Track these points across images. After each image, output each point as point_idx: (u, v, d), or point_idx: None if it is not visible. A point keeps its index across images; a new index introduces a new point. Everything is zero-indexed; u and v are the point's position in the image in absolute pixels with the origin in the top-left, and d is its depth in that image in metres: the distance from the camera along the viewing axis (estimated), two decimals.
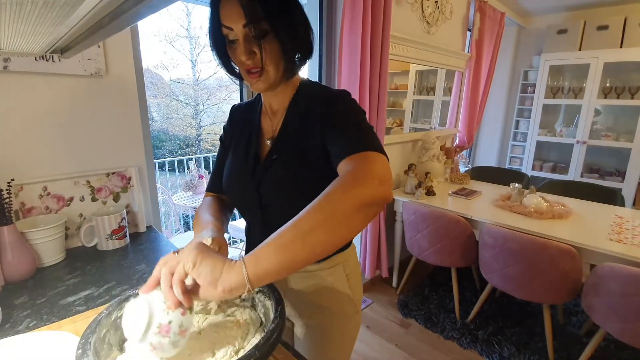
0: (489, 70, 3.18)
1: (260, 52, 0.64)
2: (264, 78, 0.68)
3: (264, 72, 0.67)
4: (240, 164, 0.79)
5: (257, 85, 0.69)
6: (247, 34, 0.63)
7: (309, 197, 0.56)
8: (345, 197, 0.50)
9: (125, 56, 1.19)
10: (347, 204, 0.50)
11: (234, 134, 0.85)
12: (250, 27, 0.62)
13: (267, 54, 0.65)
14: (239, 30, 0.63)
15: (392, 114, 3.22)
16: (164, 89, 10.57)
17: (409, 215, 2.15)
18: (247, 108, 0.86)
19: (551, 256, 1.60)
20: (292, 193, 0.72)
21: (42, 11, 0.40)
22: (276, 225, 0.56)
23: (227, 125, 0.89)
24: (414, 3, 2.26)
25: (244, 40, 0.64)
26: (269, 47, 0.64)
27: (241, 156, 0.79)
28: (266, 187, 0.74)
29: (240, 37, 0.64)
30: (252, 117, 0.82)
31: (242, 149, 0.80)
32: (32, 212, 1.05)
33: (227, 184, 0.81)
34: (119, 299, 0.56)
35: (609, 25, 3.24)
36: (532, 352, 1.84)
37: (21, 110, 1.01)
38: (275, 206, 0.75)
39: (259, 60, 0.65)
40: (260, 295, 0.62)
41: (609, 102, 3.41)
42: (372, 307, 2.29)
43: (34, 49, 0.74)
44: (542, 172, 3.84)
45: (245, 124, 0.83)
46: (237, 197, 0.81)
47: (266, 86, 0.69)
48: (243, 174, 0.77)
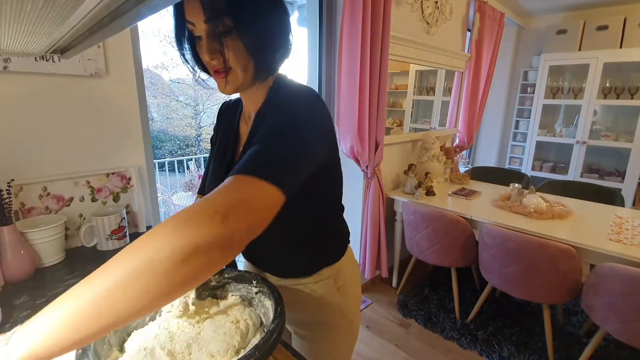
0: (488, 71, 3.18)
1: (222, 52, 0.58)
2: (231, 79, 0.62)
3: (231, 72, 0.61)
4: (217, 170, 0.77)
5: (224, 87, 0.63)
6: (209, 31, 0.58)
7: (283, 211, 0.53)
8: (164, 241, 0.37)
9: (125, 56, 1.19)
10: (163, 253, 0.36)
11: (218, 135, 0.81)
12: (211, 24, 0.56)
13: (232, 53, 0.58)
14: (201, 26, 0.57)
15: (392, 114, 3.22)
16: (164, 89, 10.56)
17: (408, 215, 2.16)
18: (233, 106, 0.81)
19: (551, 256, 1.60)
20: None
21: (42, 11, 0.40)
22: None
23: (215, 125, 0.85)
24: (414, 3, 2.27)
25: (207, 37, 0.58)
26: (233, 45, 0.58)
27: (218, 163, 0.77)
28: None
29: (203, 33, 0.58)
30: (233, 120, 0.78)
31: (220, 154, 0.77)
32: (32, 212, 1.05)
33: (208, 191, 0.78)
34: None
35: (608, 26, 3.24)
36: (531, 352, 1.84)
37: (21, 110, 1.01)
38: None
39: (223, 61, 0.60)
40: (260, 295, 0.62)
41: (609, 102, 3.41)
42: (372, 307, 2.29)
43: (34, 49, 0.74)
44: (542, 172, 3.84)
45: (227, 126, 0.79)
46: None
47: (234, 88, 0.63)
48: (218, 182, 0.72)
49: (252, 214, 0.43)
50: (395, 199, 2.35)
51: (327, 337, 0.79)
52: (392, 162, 2.50)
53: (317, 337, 0.79)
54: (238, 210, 0.41)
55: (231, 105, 0.81)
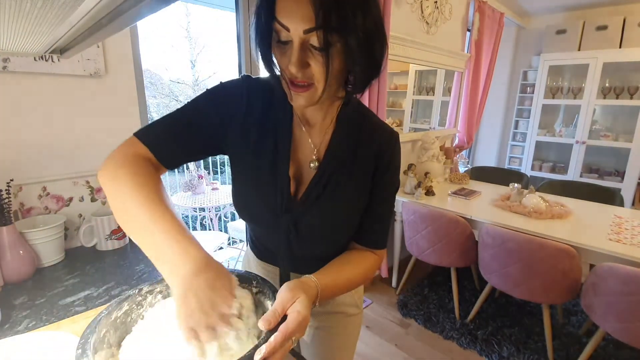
0: (488, 71, 3.18)
1: (327, 66, 0.50)
2: (308, 94, 0.54)
3: (312, 87, 0.53)
4: (267, 186, 0.64)
5: (297, 101, 0.55)
6: (305, 41, 0.49)
7: (344, 234, 0.68)
8: (363, 282, 0.70)
9: (124, 56, 1.19)
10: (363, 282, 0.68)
11: (248, 127, 0.63)
12: (319, 34, 0.48)
13: (323, 68, 0.51)
14: (296, 33, 0.49)
15: (391, 114, 3.22)
16: (164, 89, 10.56)
17: (408, 215, 2.15)
18: (266, 103, 0.64)
19: (550, 256, 1.60)
20: (337, 231, 0.67)
21: (41, 11, 0.40)
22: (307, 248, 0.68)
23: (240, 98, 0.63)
24: (414, 3, 2.27)
25: (300, 48, 0.50)
26: (329, 62, 0.50)
27: (267, 174, 0.64)
28: (309, 223, 0.64)
29: (296, 42, 0.49)
30: (278, 120, 0.64)
31: (267, 163, 0.63)
32: (32, 212, 1.05)
33: (244, 207, 0.67)
34: (119, 299, 0.56)
35: (608, 26, 3.24)
36: (531, 351, 1.84)
37: (20, 110, 1.01)
38: (313, 239, 0.67)
39: (312, 75, 0.52)
40: (260, 295, 0.62)
41: (608, 102, 3.41)
42: (371, 307, 2.29)
43: (33, 49, 0.73)
44: (542, 172, 3.84)
45: (268, 128, 0.64)
46: (257, 222, 0.70)
47: (308, 104, 0.56)
48: (275, 202, 0.64)
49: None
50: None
51: (340, 324, 0.83)
52: None
53: (332, 325, 0.82)
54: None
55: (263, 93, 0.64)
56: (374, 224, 0.69)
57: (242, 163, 0.66)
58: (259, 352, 0.42)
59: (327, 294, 0.58)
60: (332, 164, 0.64)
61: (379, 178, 0.67)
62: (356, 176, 0.65)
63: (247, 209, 0.68)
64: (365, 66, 0.55)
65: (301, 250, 0.68)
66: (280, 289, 0.52)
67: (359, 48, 0.51)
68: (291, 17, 0.48)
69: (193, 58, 10.44)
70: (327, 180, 0.63)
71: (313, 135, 0.66)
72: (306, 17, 0.47)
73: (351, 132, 0.65)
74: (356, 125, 0.66)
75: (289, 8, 0.48)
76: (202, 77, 10.61)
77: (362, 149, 0.65)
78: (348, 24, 0.48)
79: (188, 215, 3.84)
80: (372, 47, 0.53)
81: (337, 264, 0.65)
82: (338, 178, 0.64)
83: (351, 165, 0.65)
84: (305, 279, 0.56)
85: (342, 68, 0.53)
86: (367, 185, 0.67)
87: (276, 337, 0.44)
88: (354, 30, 0.49)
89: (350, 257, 0.68)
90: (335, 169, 0.64)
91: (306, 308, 0.50)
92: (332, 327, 0.82)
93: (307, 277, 0.57)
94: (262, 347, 0.43)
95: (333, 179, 0.64)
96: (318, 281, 0.56)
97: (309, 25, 0.47)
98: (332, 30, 0.48)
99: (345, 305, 0.82)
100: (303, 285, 0.54)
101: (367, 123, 0.67)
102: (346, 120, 0.65)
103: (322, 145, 0.65)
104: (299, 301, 0.50)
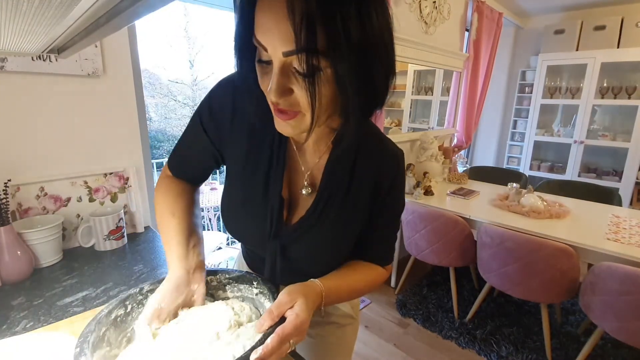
0: (486, 71, 3.18)
1: (313, 95, 0.41)
2: (294, 123, 0.46)
3: (299, 115, 0.46)
4: (258, 206, 0.61)
5: (283, 128, 0.48)
6: (287, 64, 0.41)
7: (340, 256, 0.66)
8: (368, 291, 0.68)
9: (122, 56, 1.18)
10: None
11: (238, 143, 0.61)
12: (302, 57, 0.39)
13: (307, 95, 0.42)
14: (276, 55, 0.41)
15: (390, 114, 3.23)
16: (162, 89, 10.54)
17: (407, 215, 2.16)
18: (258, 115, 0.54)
19: (549, 255, 1.60)
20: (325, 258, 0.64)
21: (38, 11, 0.40)
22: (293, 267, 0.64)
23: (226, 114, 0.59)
24: (412, 3, 2.27)
25: (280, 73, 0.41)
26: (316, 89, 0.41)
27: (259, 194, 0.60)
28: (297, 250, 0.62)
29: (275, 65, 0.42)
30: (269, 140, 0.59)
31: (260, 182, 0.60)
32: (29, 212, 1.04)
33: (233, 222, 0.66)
34: (120, 297, 0.56)
35: (606, 26, 3.25)
36: (530, 351, 1.85)
37: (18, 110, 1.00)
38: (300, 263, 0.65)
39: (297, 102, 0.44)
40: (260, 296, 0.62)
41: (606, 102, 3.42)
42: (370, 307, 2.29)
43: (30, 48, 0.73)
44: (540, 171, 3.85)
45: (264, 142, 0.60)
46: (245, 241, 0.70)
47: (295, 132, 0.48)
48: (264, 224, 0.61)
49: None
50: None
51: (334, 332, 0.82)
52: None
53: (325, 334, 0.81)
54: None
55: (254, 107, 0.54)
56: (379, 243, 0.68)
57: (235, 176, 0.63)
58: (255, 352, 0.42)
59: (333, 298, 0.57)
60: (328, 191, 0.59)
61: (382, 200, 0.62)
62: (353, 204, 0.61)
63: (236, 226, 0.66)
64: (364, 95, 0.45)
65: (288, 270, 0.65)
66: (281, 292, 0.52)
67: (353, 73, 0.41)
68: (268, 36, 0.40)
69: (191, 58, 10.43)
70: (322, 210, 0.60)
71: (306, 157, 0.61)
72: (285, 37, 0.39)
73: (350, 155, 0.59)
74: (355, 148, 0.59)
75: (266, 25, 0.40)
76: (200, 77, 10.60)
77: (361, 174, 0.60)
78: (338, 44, 0.38)
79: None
80: (371, 70, 0.43)
81: (343, 271, 0.63)
82: (333, 208, 0.60)
83: (348, 193, 0.60)
84: (309, 283, 0.55)
85: (334, 96, 0.43)
86: (365, 212, 0.62)
87: (272, 339, 0.44)
88: (347, 52, 0.39)
89: (357, 266, 0.66)
90: (330, 198, 0.59)
91: (305, 311, 0.49)
92: (326, 336, 0.81)
93: (312, 281, 0.56)
94: (258, 349, 0.43)
95: (327, 209, 0.60)
96: (323, 285, 0.55)
97: (288, 48, 0.39)
98: (317, 53, 0.39)
99: (338, 316, 0.80)
100: (305, 288, 0.53)
101: (368, 145, 0.60)
102: (344, 142, 0.54)
103: (315, 169, 0.61)
104: (297, 304, 0.49)
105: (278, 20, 0.38)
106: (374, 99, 0.47)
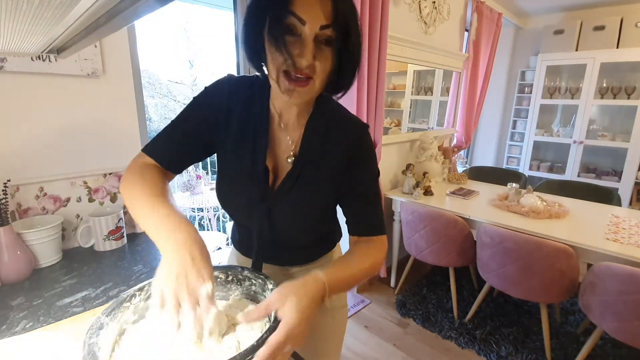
0: (486, 71, 3.18)
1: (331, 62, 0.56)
2: (307, 90, 0.57)
3: (310, 82, 0.56)
4: (246, 178, 0.68)
5: (295, 96, 0.57)
6: (318, 36, 0.53)
7: (318, 222, 0.72)
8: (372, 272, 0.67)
9: (122, 56, 1.18)
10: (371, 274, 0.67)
11: (231, 123, 0.68)
12: (332, 32, 0.53)
13: (329, 63, 0.56)
14: (313, 28, 0.52)
15: (390, 114, 3.23)
16: (162, 89, 10.52)
17: (406, 215, 2.16)
18: (247, 99, 0.68)
19: (548, 255, 1.60)
20: (305, 220, 0.71)
21: (37, 11, 0.40)
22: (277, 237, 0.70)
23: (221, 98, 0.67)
24: (412, 3, 2.27)
25: (314, 41, 0.53)
26: (331, 55, 0.56)
27: (246, 168, 0.68)
28: (280, 212, 0.68)
29: (309, 37, 0.53)
30: (257, 119, 0.68)
31: (247, 157, 0.67)
32: (29, 212, 1.04)
33: (226, 196, 0.72)
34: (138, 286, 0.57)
35: (605, 26, 3.25)
36: (529, 351, 1.85)
37: (17, 110, 1.00)
38: (283, 226, 0.70)
39: (314, 69, 0.55)
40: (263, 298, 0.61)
41: (606, 102, 3.42)
42: (370, 307, 2.29)
43: (30, 49, 0.73)
44: (539, 172, 3.86)
45: (248, 122, 0.68)
46: (235, 210, 0.74)
47: (304, 99, 0.59)
48: (251, 192, 0.68)
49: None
50: (393, 199, 2.35)
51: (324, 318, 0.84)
52: (390, 162, 2.50)
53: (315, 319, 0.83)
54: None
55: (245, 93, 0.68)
56: (363, 210, 0.71)
57: (225, 156, 0.70)
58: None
59: (339, 285, 0.58)
60: (304, 158, 0.67)
61: (354, 168, 0.69)
62: (326, 168, 0.68)
63: (227, 198, 0.72)
64: (353, 66, 0.61)
65: (278, 238, 0.71)
66: (274, 290, 0.52)
67: (356, 47, 0.58)
68: (311, 12, 0.51)
69: (191, 58, 10.43)
70: (299, 172, 0.67)
71: (290, 132, 0.69)
72: (326, 13, 0.52)
73: (322, 127, 0.68)
74: (326, 120, 0.68)
75: (308, 3, 0.51)
76: (200, 77, 10.59)
77: (332, 143, 0.68)
78: (352, 25, 0.55)
79: (187, 215, 3.84)
80: (360, 49, 0.60)
81: (342, 259, 0.66)
82: (309, 171, 0.67)
83: (321, 158, 0.67)
84: (307, 277, 0.55)
85: (333, 62, 0.57)
86: (337, 177, 0.68)
87: (263, 350, 0.43)
88: (355, 31, 0.56)
89: (354, 249, 0.69)
90: (307, 162, 0.67)
91: (294, 313, 0.48)
92: (317, 325, 0.83)
93: (314, 272, 0.56)
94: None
95: (305, 172, 0.67)
96: (326, 275, 0.56)
97: (327, 22, 0.52)
98: (341, 30, 0.54)
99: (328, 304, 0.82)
100: (298, 287, 0.52)
101: (336, 117, 0.70)
102: (318, 116, 0.68)
103: (299, 140, 0.69)
104: (286, 305, 0.48)
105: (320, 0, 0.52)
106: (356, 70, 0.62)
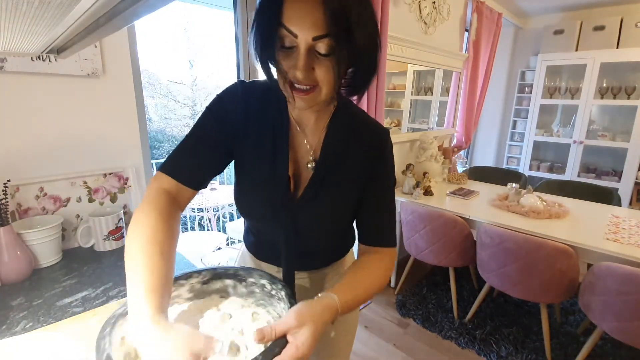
0: (486, 71, 3.19)
1: (335, 71, 0.52)
2: (310, 97, 0.55)
3: (315, 90, 0.55)
4: (267, 184, 0.67)
5: (298, 103, 0.56)
6: (312, 47, 0.51)
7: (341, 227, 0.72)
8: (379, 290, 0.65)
9: (122, 56, 1.18)
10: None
11: (248, 129, 0.66)
12: (328, 41, 0.50)
13: (331, 72, 0.53)
14: (305, 40, 0.50)
15: (390, 114, 3.22)
16: (162, 89, 10.53)
17: (406, 215, 2.16)
18: (263, 105, 0.66)
19: (548, 255, 1.60)
20: (329, 226, 0.70)
21: (37, 11, 0.40)
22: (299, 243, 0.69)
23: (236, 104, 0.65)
24: (412, 3, 2.27)
25: (307, 54, 0.51)
26: (333, 64, 0.52)
27: (266, 174, 0.66)
28: (306, 219, 0.67)
29: (303, 48, 0.50)
30: (276, 124, 0.66)
31: (266, 163, 0.66)
32: (29, 212, 1.04)
33: (245, 203, 0.70)
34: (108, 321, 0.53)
35: (605, 26, 3.25)
36: (529, 351, 1.85)
37: (17, 110, 1.00)
38: (307, 232, 0.70)
39: (315, 78, 0.53)
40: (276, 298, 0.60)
41: (606, 102, 3.42)
42: (370, 307, 2.29)
43: (30, 49, 0.73)
44: (539, 172, 3.86)
45: (266, 128, 0.66)
46: (258, 219, 0.73)
47: (309, 106, 0.57)
48: (274, 200, 0.67)
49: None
50: None
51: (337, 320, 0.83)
52: None
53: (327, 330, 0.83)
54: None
55: (258, 99, 0.66)
56: (376, 218, 0.70)
57: (244, 164, 0.68)
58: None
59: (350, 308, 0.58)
60: (326, 163, 0.66)
61: (373, 174, 0.68)
62: (350, 173, 0.67)
63: (248, 206, 0.71)
64: (366, 69, 0.58)
65: (300, 244, 0.70)
66: (293, 308, 0.50)
67: (363, 52, 0.53)
68: (300, 24, 0.49)
69: (191, 58, 10.42)
70: (323, 179, 0.66)
71: (308, 137, 0.68)
72: (316, 24, 0.48)
73: (343, 132, 0.67)
74: (347, 125, 0.67)
75: (298, 15, 0.49)
76: (200, 77, 10.59)
77: (353, 148, 0.67)
78: (355, 30, 0.50)
79: (186, 215, 3.84)
80: (374, 50, 0.55)
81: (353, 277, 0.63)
82: (332, 177, 0.66)
83: (344, 164, 0.67)
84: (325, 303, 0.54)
85: (344, 72, 0.55)
86: (360, 182, 0.68)
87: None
88: (361, 35, 0.51)
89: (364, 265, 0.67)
90: (330, 169, 0.66)
91: (308, 340, 0.47)
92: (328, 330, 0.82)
93: (329, 297, 0.55)
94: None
95: (328, 178, 0.66)
96: (338, 298, 0.55)
97: (318, 33, 0.49)
98: (339, 37, 0.49)
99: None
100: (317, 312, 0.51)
101: (357, 122, 0.69)
102: (338, 121, 0.67)
103: (318, 145, 0.67)
104: (302, 332, 0.48)
105: (310, 11, 0.48)
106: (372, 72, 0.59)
